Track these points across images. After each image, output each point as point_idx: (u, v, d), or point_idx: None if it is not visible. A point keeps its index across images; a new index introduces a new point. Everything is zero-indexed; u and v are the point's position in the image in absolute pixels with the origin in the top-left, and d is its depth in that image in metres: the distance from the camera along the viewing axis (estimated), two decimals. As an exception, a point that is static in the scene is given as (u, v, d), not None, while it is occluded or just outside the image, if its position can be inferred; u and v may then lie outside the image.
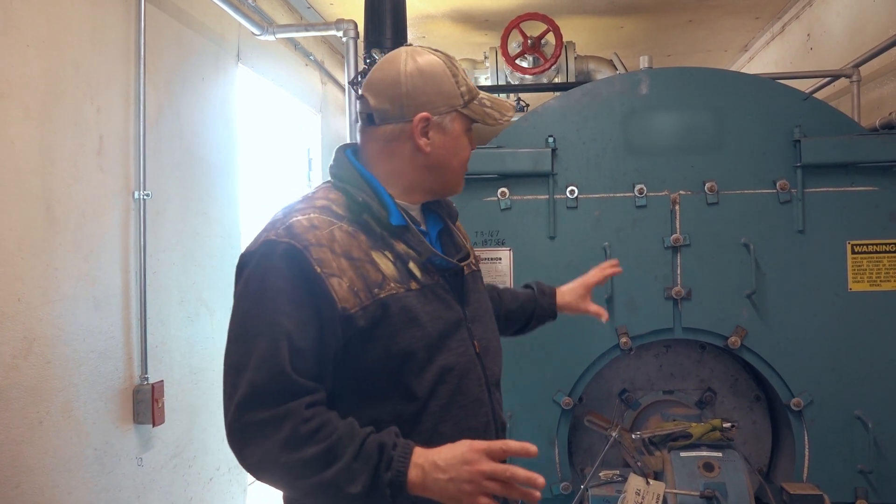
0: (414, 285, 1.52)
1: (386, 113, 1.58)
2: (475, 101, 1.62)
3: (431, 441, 1.47)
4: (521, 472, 1.36)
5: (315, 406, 1.41)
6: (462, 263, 1.64)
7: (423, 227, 1.65)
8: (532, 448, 1.40)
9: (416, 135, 1.57)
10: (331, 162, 1.66)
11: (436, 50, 1.64)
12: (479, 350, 1.62)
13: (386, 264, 1.50)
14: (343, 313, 1.42)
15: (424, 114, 1.57)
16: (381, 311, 1.46)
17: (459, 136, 1.62)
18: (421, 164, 1.60)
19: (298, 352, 1.40)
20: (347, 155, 1.64)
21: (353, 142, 1.70)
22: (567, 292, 2.21)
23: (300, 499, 1.53)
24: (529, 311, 2.14)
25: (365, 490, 1.35)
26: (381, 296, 1.46)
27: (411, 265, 1.53)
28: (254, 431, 1.38)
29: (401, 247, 1.54)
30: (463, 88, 1.60)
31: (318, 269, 1.42)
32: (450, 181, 1.66)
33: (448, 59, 1.62)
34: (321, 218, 1.49)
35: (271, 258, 1.43)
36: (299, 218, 1.48)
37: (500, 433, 1.65)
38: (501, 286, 2.21)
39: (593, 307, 2.22)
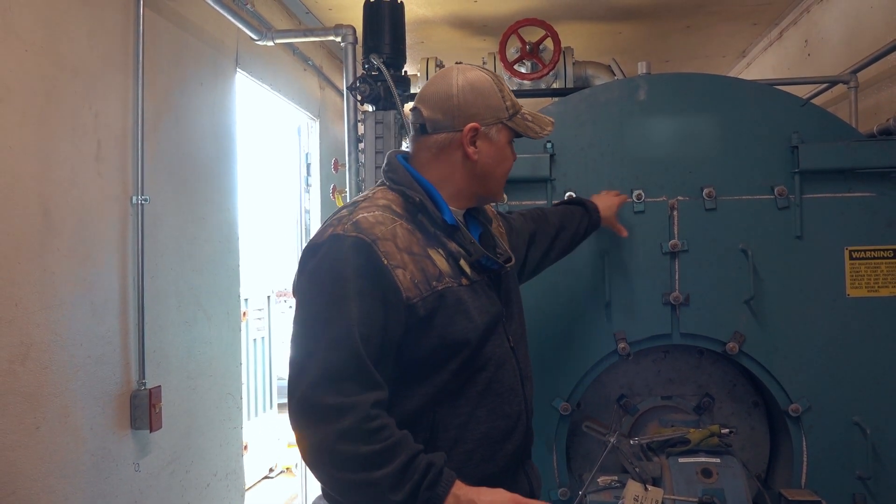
0: (465, 281, 1.66)
1: (438, 123, 1.73)
2: (518, 115, 1.76)
3: (468, 423, 1.63)
4: None
5: (380, 405, 1.50)
6: (508, 265, 1.78)
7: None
8: None
9: (465, 143, 1.72)
10: (384, 166, 1.78)
11: (483, 68, 1.78)
12: (513, 344, 1.77)
13: (440, 260, 1.64)
14: (407, 302, 1.55)
15: (474, 124, 1.71)
16: (438, 302, 1.58)
17: (504, 147, 1.78)
18: (469, 171, 1.74)
19: (366, 338, 1.50)
20: (401, 160, 1.76)
21: (402, 149, 1.88)
22: (605, 209, 2.51)
23: (339, 496, 1.59)
24: (583, 229, 2.42)
25: (404, 500, 1.44)
26: (439, 288, 1.60)
27: (462, 262, 1.67)
28: (319, 414, 1.46)
29: (452, 245, 1.67)
30: (508, 103, 1.74)
31: (386, 262, 1.54)
32: (493, 188, 1.80)
33: (494, 76, 1.76)
34: (385, 215, 1.62)
35: (340, 250, 1.55)
36: (365, 215, 1.60)
37: (529, 421, 1.80)
38: (547, 212, 2.40)
39: (619, 225, 2.62)
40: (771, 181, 2.73)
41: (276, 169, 5.28)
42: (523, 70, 4.36)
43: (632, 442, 2.66)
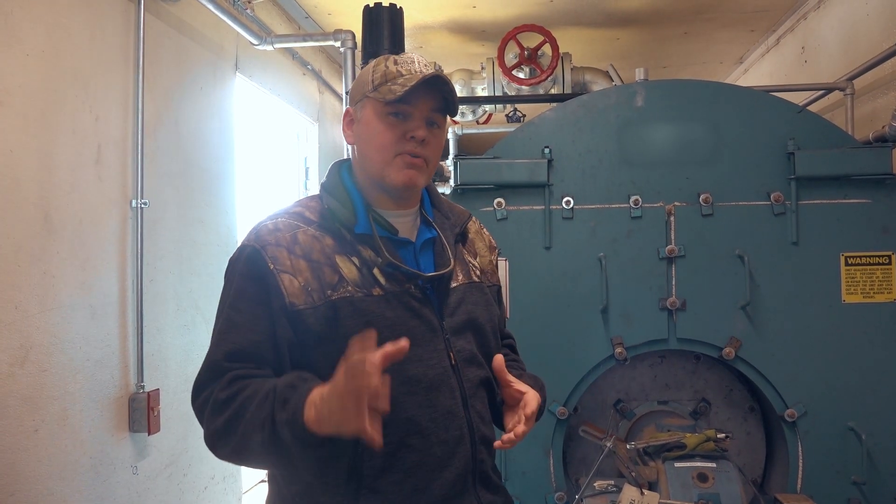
0: (377, 291, 1.52)
1: None
2: (387, 84, 1.55)
3: (399, 452, 1.49)
4: (377, 356, 1.25)
5: (240, 379, 1.42)
6: (429, 274, 1.60)
7: (403, 236, 1.62)
8: (403, 343, 1.30)
9: (344, 130, 1.67)
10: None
11: (399, 53, 1.65)
12: (456, 362, 1.58)
13: (349, 268, 1.52)
14: (291, 308, 1.46)
15: (347, 108, 1.67)
16: (332, 313, 1.48)
17: (370, 122, 1.59)
18: (357, 161, 1.65)
19: (252, 343, 1.46)
20: (340, 167, 1.69)
21: None
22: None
23: (252, 466, 1.58)
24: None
25: (267, 438, 1.34)
26: (333, 297, 1.49)
27: (375, 271, 1.54)
28: (198, 416, 1.48)
29: (368, 253, 1.55)
30: (377, 75, 1.58)
31: (271, 266, 1.48)
32: (372, 169, 1.60)
33: (389, 55, 1.61)
34: (287, 222, 1.55)
35: (238, 261, 1.53)
36: (267, 223, 1.56)
37: (478, 446, 1.60)
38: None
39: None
40: (767, 187, 2.74)
41: (275, 172, 5.29)
42: (522, 75, 4.39)
43: (628, 446, 2.67)
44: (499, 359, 1.66)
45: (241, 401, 1.38)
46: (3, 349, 2.39)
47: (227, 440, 1.40)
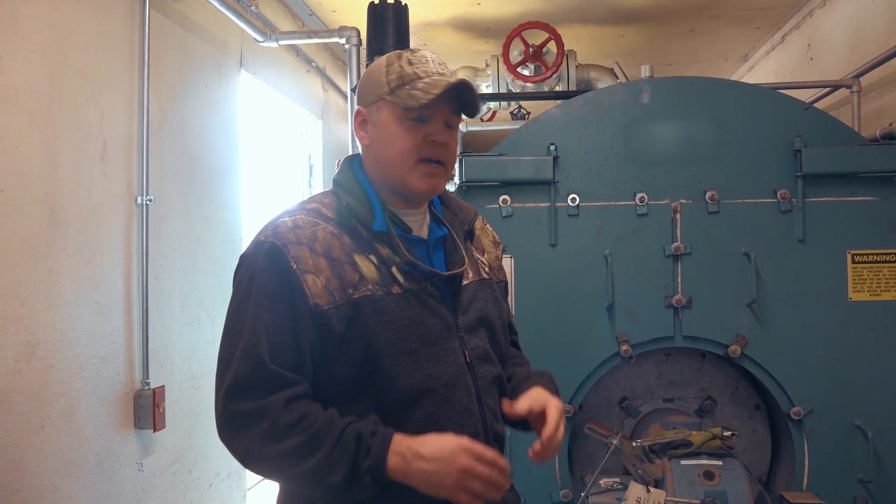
0: (396, 289, 1.53)
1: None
2: (405, 87, 1.54)
3: None
4: (504, 478, 1.42)
5: (296, 399, 1.44)
6: (447, 273, 1.61)
7: (416, 234, 1.63)
8: (507, 468, 1.45)
9: (356, 130, 1.64)
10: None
11: (408, 49, 1.64)
12: (470, 360, 1.60)
13: (368, 267, 1.52)
14: (315, 309, 1.46)
15: (358, 107, 1.64)
16: (353, 311, 1.48)
17: (388, 125, 1.57)
18: (371, 160, 1.63)
19: (277, 345, 1.45)
20: (353, 163, 1.68)
21: None
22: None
23: (291, 488, 1.57)
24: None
25: (346, 478, 1.39)
26: (355, 296, 1.49)
27: (394, 269, 1.54)
28: (238, 423, 1.44)
29: (385, 251, 1.55)
30: (392, 76, 1.56)
31: (294, 266, 1.47)
32: (394, 175, 1.59)
33: (400, 54, 1.60)
34: (306, 219, 1.54)
35: (256, 257, 1.50)
36: (286, 219, 1.54)
37: (491, 444, 1.60)
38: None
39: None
40: (774, 185, 2.74)
41: (280, 169, 5.29)
42: (527, 73, 4.38)
43: (634, 444, 2.67)
44: (521, 407, 1.60)
45: (310, 434, 1.41)
46: (10, 345, 2.40)
47: (287, 464, 1.42)
